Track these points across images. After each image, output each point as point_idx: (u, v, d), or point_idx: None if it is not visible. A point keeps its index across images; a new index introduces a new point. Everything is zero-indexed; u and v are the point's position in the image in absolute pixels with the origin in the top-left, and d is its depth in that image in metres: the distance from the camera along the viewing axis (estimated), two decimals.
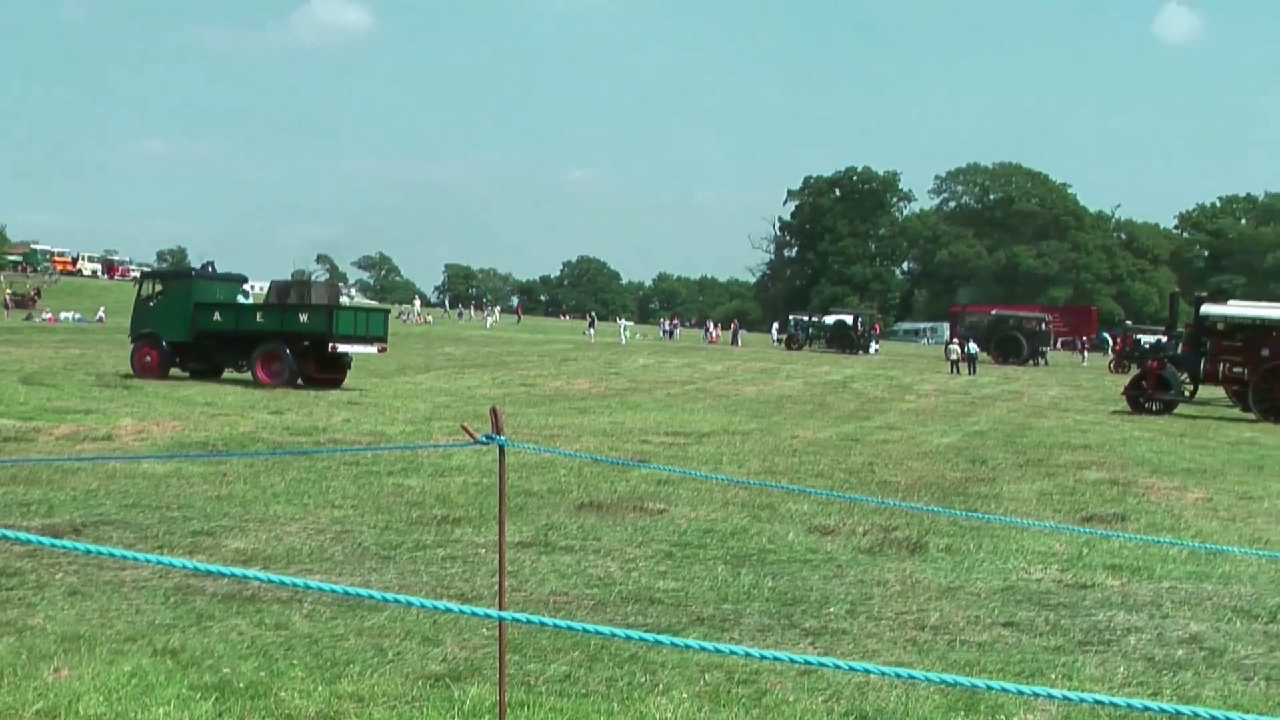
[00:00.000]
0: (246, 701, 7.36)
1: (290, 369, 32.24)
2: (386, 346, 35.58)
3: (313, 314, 33.04)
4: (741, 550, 12.33)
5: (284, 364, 32.35)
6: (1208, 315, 35.86)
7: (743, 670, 8.10)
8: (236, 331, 33.47)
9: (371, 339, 34.22)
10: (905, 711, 7.58)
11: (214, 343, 33.78)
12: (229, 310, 34.19)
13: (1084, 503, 16.63)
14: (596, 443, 21.11)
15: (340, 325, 32.90)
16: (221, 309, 34.00)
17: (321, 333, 32.48)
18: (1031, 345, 76.81)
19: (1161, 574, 11.92)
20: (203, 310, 33.61)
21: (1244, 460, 22.67)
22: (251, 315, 34.30)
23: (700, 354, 63.24)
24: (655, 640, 4.19)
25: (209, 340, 33.72)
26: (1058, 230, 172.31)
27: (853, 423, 27.06)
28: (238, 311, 34.42)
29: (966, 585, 11.12)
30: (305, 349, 32.62)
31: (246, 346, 33.22)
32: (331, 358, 32.71)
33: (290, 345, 32.51)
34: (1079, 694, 3.94)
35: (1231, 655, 9.11)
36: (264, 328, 33.31)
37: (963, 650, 8.97)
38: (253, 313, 34.58)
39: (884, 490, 16.89)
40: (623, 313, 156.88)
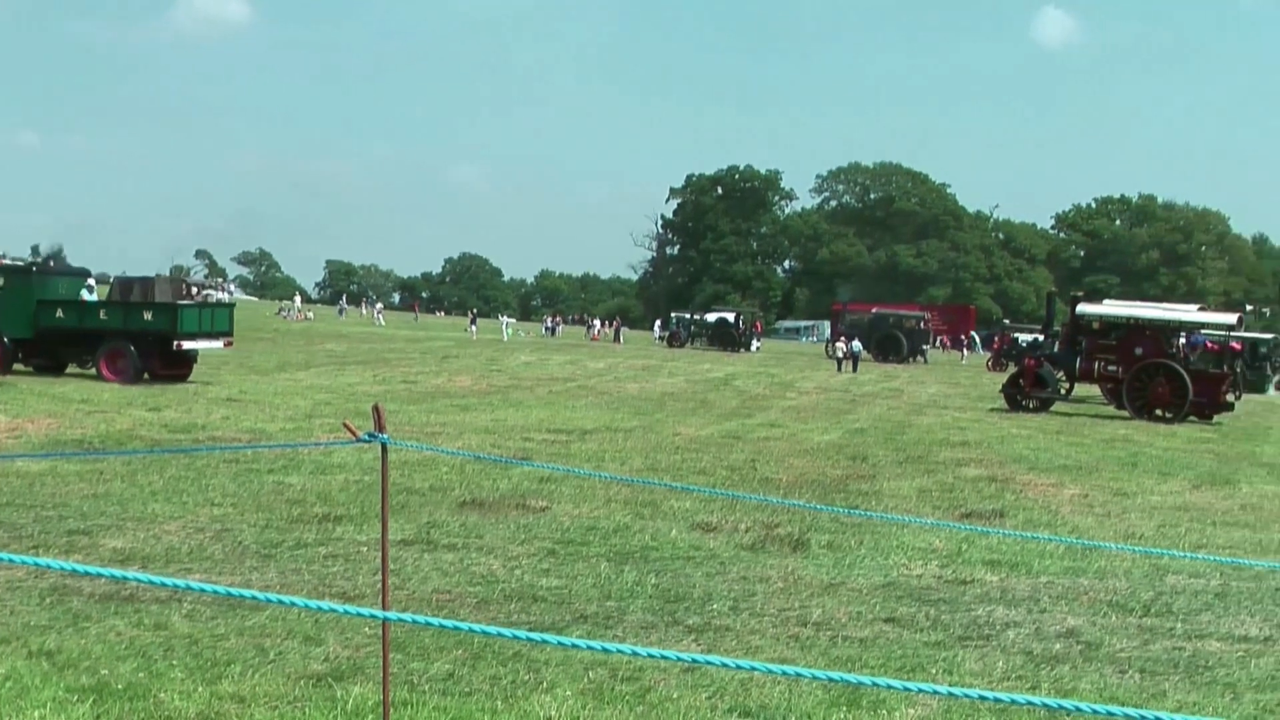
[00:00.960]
0: (125, 703, 7.25)
1: (135, 366, 31.74)
2: (232, 341, 35.19)
3: (157, 311, 32.63)
4: (624, 547, 12.34)
5: (129, 361, 31.84)
6: (1083, 314, 36.37)
7: (627, 667, 8.11)
8: (80, 329, 32.91)
9: (217, 334, 33.90)
10: (788, 707, 7.63)
11: (58, 339, 33.18)
12: (72, 307, 33.50)
13: (963, 499, 16.82)
14: (478, 440, 21.03)
15: (185, 322, 32.56)
16: (64, 306, 33.34)
17: (166, 330, 32.13)
18: (911, 343, 77.52)
19: (1039, 569, 12.08)
20: (45, 307, 32.98)
21: (1118, 457, 23.03)
22: (95, 313, 33.62)
23: (582, 351, 63.23)
24: (541, 639, 4.17)
25: (52, 337, 33.13)
26: (937, 230, 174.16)
27: (734, 420, 27.17)
28: (81, 309, 33.73)
29: (848, 581, 11.20)
30: (150, 345, 32.21)
31: (91, 343, 32.65)
32: (177, 353, 32.37)
33: (135, 342, 32.01)
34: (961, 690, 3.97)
35: (1107, 648, 9.26)
36: (108, 325, 32.72)
37: (845, 646, 9.04)
38: (96, 310, 33.88)
39: (766, 487, 16.98)
40: (505, 310, 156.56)
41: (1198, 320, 38.37)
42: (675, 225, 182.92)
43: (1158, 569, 12.27)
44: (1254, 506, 17.68)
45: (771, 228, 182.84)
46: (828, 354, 77.18)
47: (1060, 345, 36.89)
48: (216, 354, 35.29)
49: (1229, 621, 10.23)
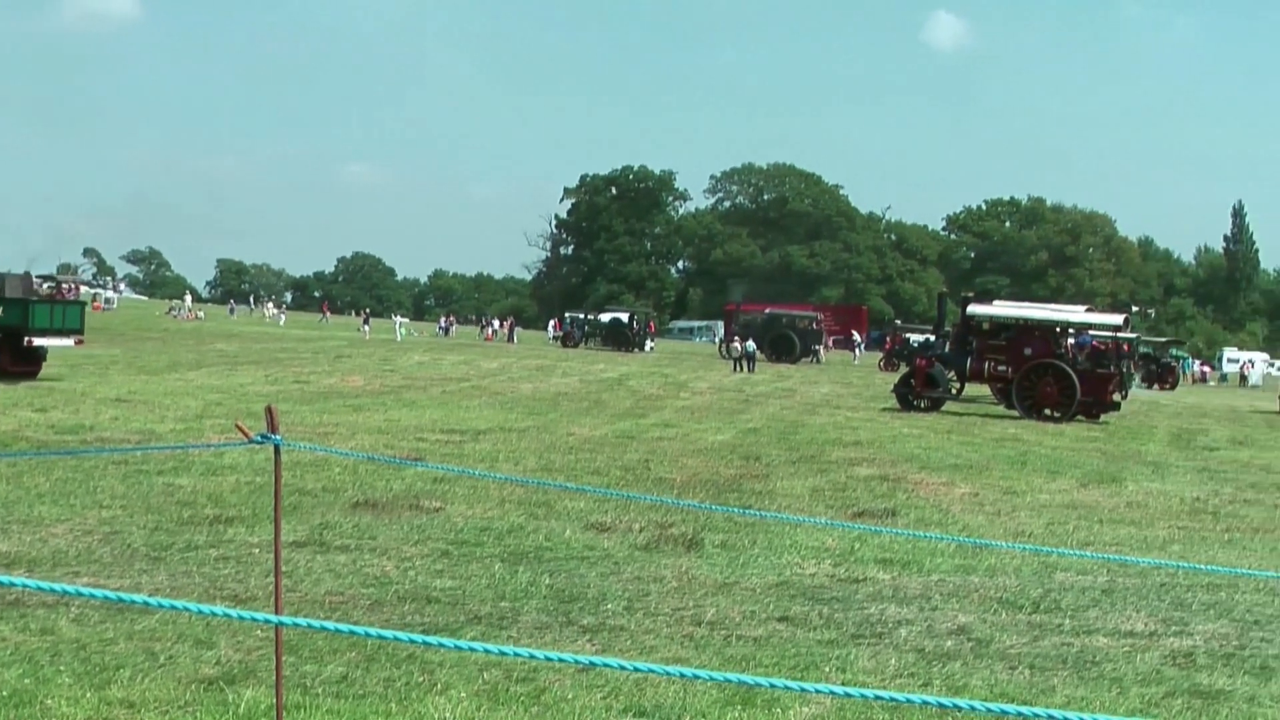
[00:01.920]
0: (11, 710, 7.14)
1: None
2: (83, 339, 34.70)
3: (8, 307, 32.21)
4: (518, 548, 12.32)
5: None
6: (974, 315, 36.74)
7: (521, 668, 8.10)
8: None
9: (68, 331, 33.48)
10: (683, 707, 7.65)
11: None
12: None
13: (855, 498, 16.95)
14: (372, 440, 20.91)
15: (36, 318, 32.18)
16: None
17: (17, 326, 31.72)
18: (804, 343, 77.96)
19: (930, 567, 12.20)
20: None
21: (1008, 456, 23.30)
22: None
23: (476, 351, 63.01)
24: (435, 642, 4.16)
25: None
26: (830, 230, 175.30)
27: (628, 420, 27.20)
28: None
29: (742, 581, 11.25)
30: (0, 341, 31.77)
31: None
32: (27, 350, 31.95)
33: None
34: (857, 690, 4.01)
35: (997, 645, 9.37)
36: None
37: (739, 645, 9.08)
38: None
39: (660, 487, 17.02)
40: (398, 309, 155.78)
41: (1085, 321, 38.91)
42: (569, 225, 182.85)
43: (1046, 566, 12.44)
44: (1139, 504, 17.96)
45: (665, 228, 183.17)
46: (721, 354, 77.52)
47: (951, 345, 37.22)
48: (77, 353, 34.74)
49: (1115, 617, 10.38)
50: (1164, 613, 10.66)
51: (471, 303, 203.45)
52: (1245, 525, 16.52)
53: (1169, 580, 11.97)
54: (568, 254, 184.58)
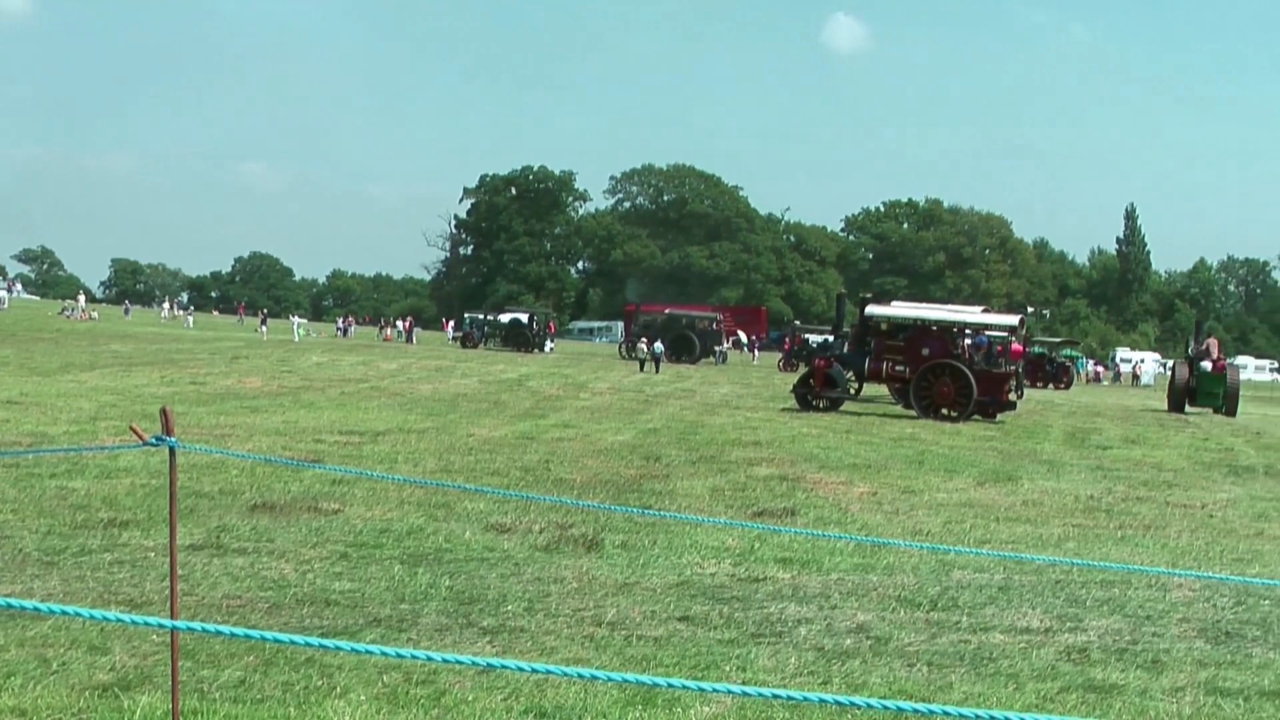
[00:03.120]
0: None
1: None
2: None
3: None
4: (418, 550, 12.26)
5: None
6: (872, 315, 36.96)
7: (421, 671, 8.06)
8: None
9: None
10: (584, 707, 7.65)
11: None
12: None
13: (755, 498, 17.01)
14: (269, 442, 20.72)
15: None
16: None
17: None
18: (704, 344, 78.24)
19: (830, 566, 12.27)
20: None
21: (906, 455, 23.48)
22: None
23: (375, 352, 62.64)
24: (335, 647, 4.13)
25: None
26: (729, 231, 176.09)
27: (528, 421, 27.14)
28: None
29: (642, 581, 11.27)
30: None
31: None
32: None
33: None
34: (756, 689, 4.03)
35: (896, 643, 9.44)
36: None
37: (640, 645, 9.09)
38: None
39: (560, 488, 17.00)
40: (296, 310, 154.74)
41: (982, 322, 39.29)
42: (469, 225, 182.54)
43: (944, 564, 12.55)
44: (1035, 502, 18.16)
45: (565, 228, 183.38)
46: (621, 354, 77.65)
47: (849, 346, 37.44)
48: None
49: (1012, 614, 10.50)
50: (1059, 609, 10.78)
51: (370, 303, 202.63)
52: (1137, 523, 16.74)
53: (1064, 577, 12.11)
54: (467, 254, 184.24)
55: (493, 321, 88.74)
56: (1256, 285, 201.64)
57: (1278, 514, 18.43)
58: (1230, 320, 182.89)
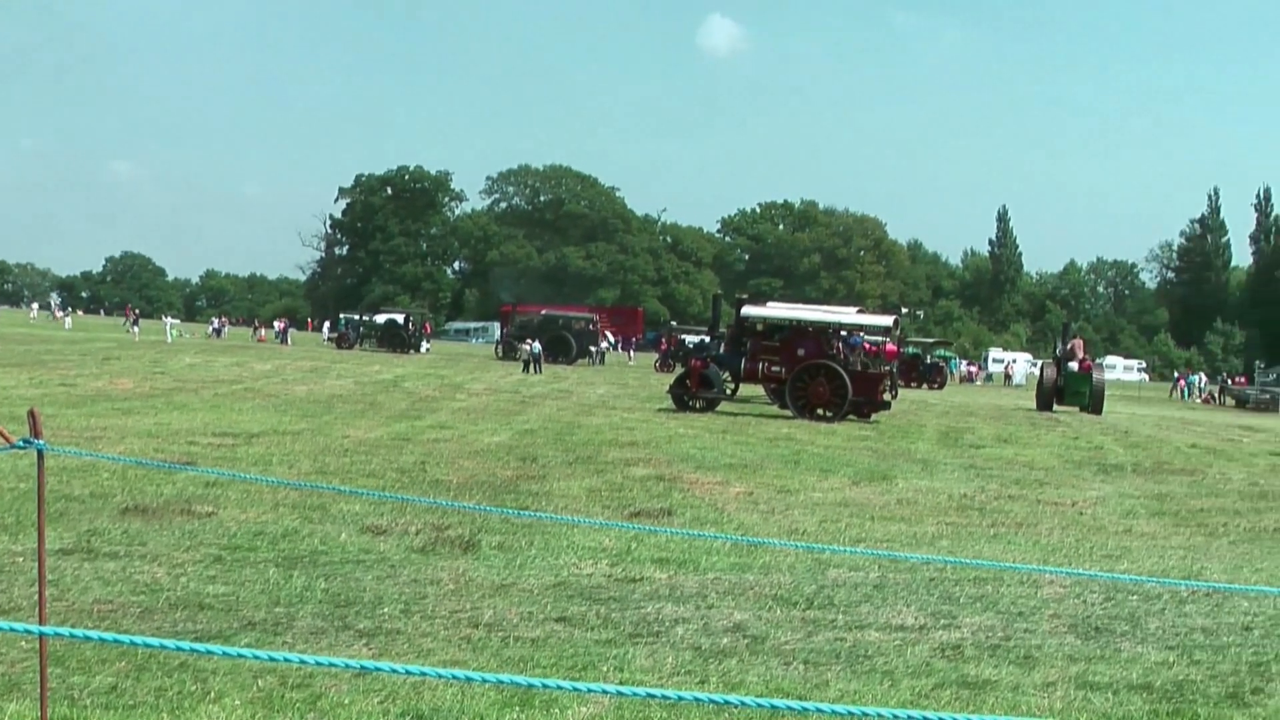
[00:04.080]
0: None
1: None
2: None
3: None
4: (293, 552, 12.15)
5: None
6: (748, 316, 37.17)
7: (296, 674, 7.98)
8: None
9: None
10: (461, 709, 7.61)
11: None
12: None
13: (632, 498, 17.03)
14: (141, 444, 20.42)
15: None
16: None
17: None
18: (580, 345, 78.24)
19: (706, 566, 12.32)
20: None
21: (781, 455, 23.62)
22: None
23: (249, 353, 62.02)
24: (208, 651, 4.08)
25: None
26: (606, 232, 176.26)
27: (404, 422, 26.98)
28: None
29: (519, 582, 11.24)
30: None
31: None
32: None
33: None
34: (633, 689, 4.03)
35: (772, 641, 9.49)
36: None
37: (517, 646, 9.06)
38: None
39: (436, 489, 16.91)
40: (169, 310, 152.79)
41: (857, 322, 39.62)
42: (344, 225, 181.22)
43: (820, 563, 12.64)
44: (909, 501, 18.35)
45: (442, 229, 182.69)
46: (497, 355, 77.47)
47: (726, 346, 37.60)
48: None
49: (887, 612, 10.59)
50: (933, 607, 10.90)
51: (245, 304, 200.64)
52: (1009, 520, 16.98)
53: (938, 575, 12.25)
54: (343, 254, 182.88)
55: (368, 322, 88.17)
56: (1125, 287, 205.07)
57: (1145, 511, 18.77)
58: (1099, 321, 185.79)
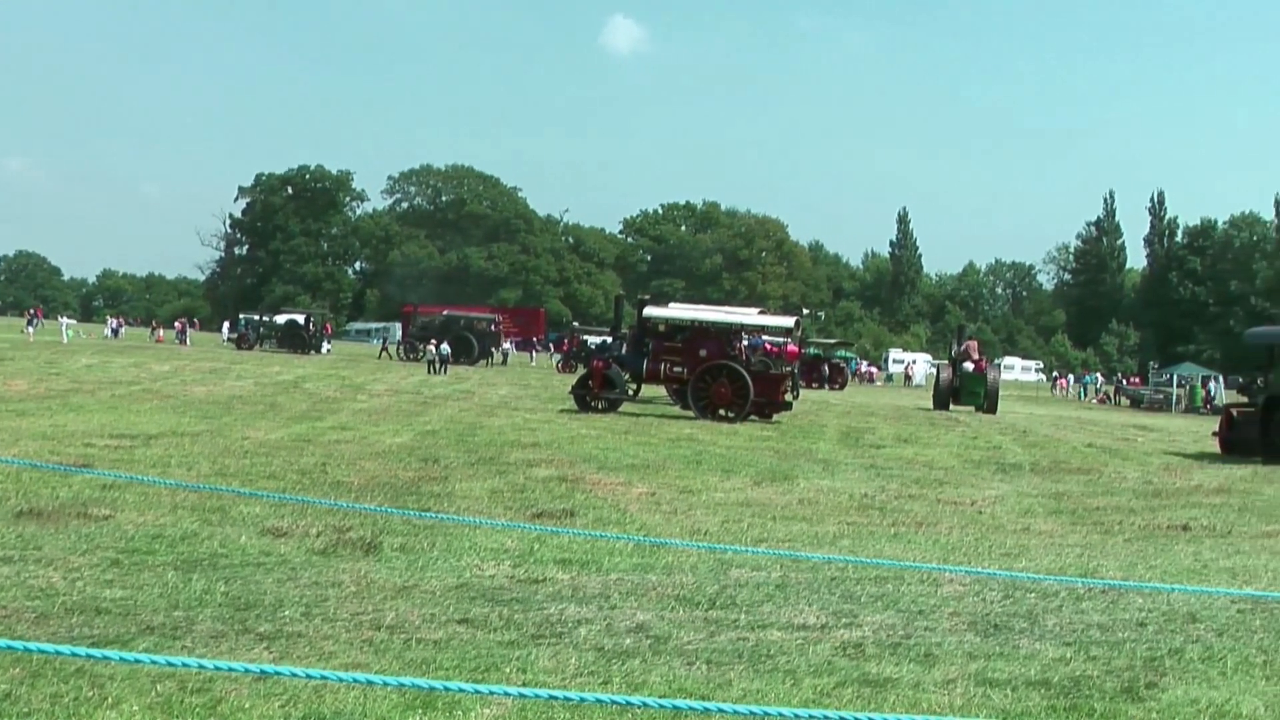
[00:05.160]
0: None
1: None
2: None
3: None
4: (192, 555, 12.02)
5: None
6: (650, 317, 37.22)
7: (196, 679, 7.89)
8: None
9: None
10: (364, 712, 7.56)
11: None
12: None
13: (534, 499, 17.00)
14: (36, 447, 20.13)
15: None
16: None
17: None
18: (482, 345, 78.08)
19: (609, 567, 12.32)
20: None
21: (684, 455, 23.68)
22: None
23: (147, 353, 61.36)
24: (105, 656, 4.03)
25: None
26: (508, 233, 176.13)
27: (305, 423, 26.80)
28: None
29: (421, 584, 11.19)
30: None
31: None
32: None
33: None
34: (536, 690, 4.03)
35: (675, 641, 9.50)
36: None
37: (419, 648, 9.01)
38: None
39: (337, 491, 16.80)
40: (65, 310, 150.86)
41: (758, 323, 39.79)
42: (244, 225, 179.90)
43: (722, 563, 12.67)
44: (810, 501, 18.45)
45: (343, 228, 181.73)
46: (399, 355, 77.16)
47: (628, 347, 37.63)
48: None
49: (789, 611, 10.64)
50: (835, 606, 10.96)
51: (143, 304, 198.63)
52: (910, 520, 17.12)
53: (839, 574, 12.31)
54: (243, 254, 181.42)
55: (268, 322, 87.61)
56: (1023, 288, 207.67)
57: (1043, 510, 19.00)
58: (998, 322, 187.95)
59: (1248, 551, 15.58)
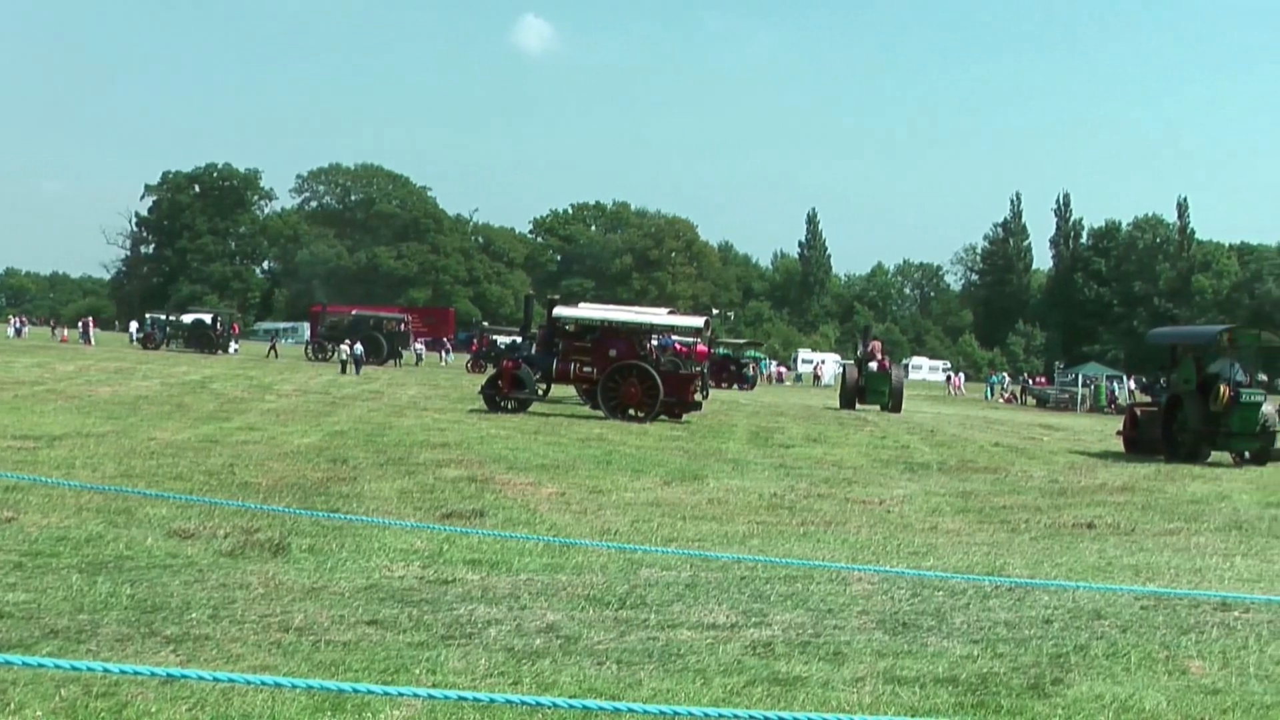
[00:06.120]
0: None
1: None
2: None
3: None
4: (97, 557, 11.89)
5: None
6: (560, 317, 37.19)
7: (101, 683, 7.81)
8: None
9: None
10: (272, 715, 7.51)
11: None
12: None
13: (444, 500, 16.95)
14: None
15: None
16: None
17: None
18: (391, 345, 77.71)
19: (519, 567, 12.31)
20: None
21: (594, 455, 23.68)
22: None
23: (51, 353, 60.65)
24: (7, 661, 3.98)
25: None
26: (417, 232, 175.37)
27: (212, 424, 26.57)
28: None
29: (330, 585, 11.13)
30: None
31: None
32: None
33: None
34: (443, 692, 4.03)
35: (585, 641, 9.50)
36: None
37: (328, 650, 8.97)
38: None
39: (245, 492, 16.68)
40: None
41: (668, 323, 39.88)
42: (151, 223, 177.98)
43: (632, 563, 12.69)
44: (720, 500, 18.51)
45: (251, 227, 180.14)
46: (307, 356, 76.70)
47: (538, 347, 37.59)
48: None
49: (699, 610, 10.67)
50: (744, 605, 11.00)
51: (46, 303, 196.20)
52: (819, 519, 17.21)
53: (749, 573, 12.36)
54: (149, 253, 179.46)
55: (175, 322, 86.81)
56: (931, 289, 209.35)
57: (951, 509, 19.16)
58: (906, 323, 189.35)
59: (1151, 549, 15.80)
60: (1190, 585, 13.17)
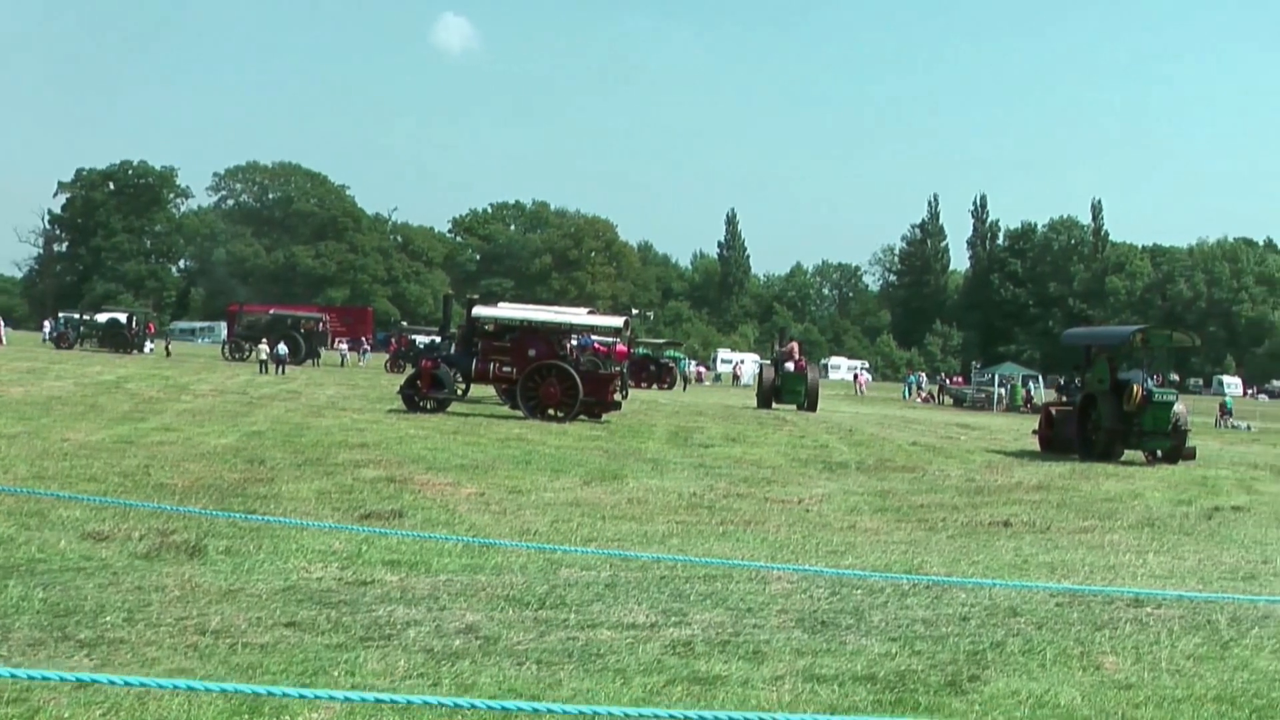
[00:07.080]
0: None
1: None
2: None
3: None
4: (9, 561, 11.73)
5: None
6: (479, 316, 37.10)
7: (13, 689, 7.70)
8: None
9: None
10: (189, 719, 7.44)
11: None
12: None
13: (362, 500, 16.86)
14: None
15: None
16: None
17: None
18: (309, 345, 77.20)
19: (438, 568, 12.26)
20: None
21: (513, 456, 23.63)
22: None
23: None
24: None
25: None
26: (336, 231, 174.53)
27: (127, 424, 26.29)
28: None
29: (247, 587, 11.04)
30: None
31: None
32: None
33: None
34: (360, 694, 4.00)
35: (505, 642, 9.48)
36: None
37: (245, 653, 8.90)
38: None
39: (160, 493, 16.51)
40: None
41: (587, 323, 39.89)
42: (64, 221, 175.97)
43: (551, 563, 12.67)
44: (640, 500, 18.52)
45: (167, 226, 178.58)
46: (224, 355, 76.12)
47: (457, 347, 37.52)
48: None
49: (618, 610, 10.67)
50: (664, 604, 11.01)
51: None
52: (738, 518, 17.25)
53: (669, 573, 12.37)
54: (62, 251, 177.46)
55: (89, 321, 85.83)
56: (849, 289, 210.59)
57: (869, 508, 19.27)
58: (825, 323, 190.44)
59: (1066, 546, 15.97)
60: (1104, 582, 13.33)
